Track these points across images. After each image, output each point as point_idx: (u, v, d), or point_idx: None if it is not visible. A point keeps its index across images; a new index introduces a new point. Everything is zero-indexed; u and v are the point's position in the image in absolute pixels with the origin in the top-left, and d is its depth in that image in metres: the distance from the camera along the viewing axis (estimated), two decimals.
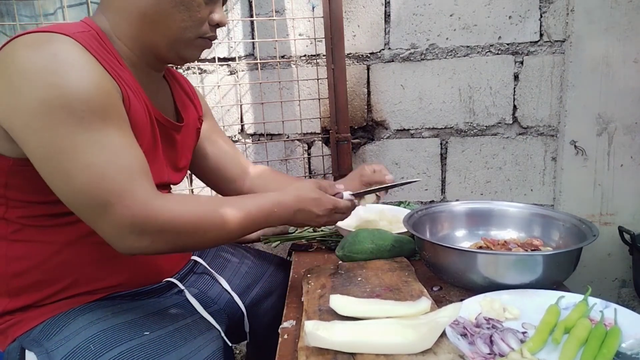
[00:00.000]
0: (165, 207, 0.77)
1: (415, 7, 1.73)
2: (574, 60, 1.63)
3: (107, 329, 0.81)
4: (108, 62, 0.82)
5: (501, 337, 0.75)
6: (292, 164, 1.90)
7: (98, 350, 0.78)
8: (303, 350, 0.73)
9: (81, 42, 0.78)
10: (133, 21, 0.85)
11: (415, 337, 0.71)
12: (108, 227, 0.75)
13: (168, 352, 0.82)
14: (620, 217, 1.70)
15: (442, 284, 1.03)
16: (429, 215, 1.19)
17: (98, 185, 0.73)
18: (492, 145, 1.80)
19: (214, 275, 1.10)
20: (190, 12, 0.85)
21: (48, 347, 0.81)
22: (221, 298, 1.07)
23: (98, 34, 0.84)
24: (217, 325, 0.96)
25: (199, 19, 0.87)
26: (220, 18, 0.89)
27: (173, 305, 0.95)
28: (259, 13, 1.78)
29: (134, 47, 0.88)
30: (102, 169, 0.74)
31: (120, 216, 0.74)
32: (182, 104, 1.07)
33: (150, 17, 0.84)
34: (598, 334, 0.75)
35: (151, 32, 0.86)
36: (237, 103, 1.86)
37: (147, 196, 0.76)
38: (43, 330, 0.83)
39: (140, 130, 0.86)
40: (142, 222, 0.75)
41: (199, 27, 0.88)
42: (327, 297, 0.91)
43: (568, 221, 1.08)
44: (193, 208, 0.81)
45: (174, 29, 0.86)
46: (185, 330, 0.88)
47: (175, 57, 0.91)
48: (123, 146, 0.77)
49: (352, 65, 1.80)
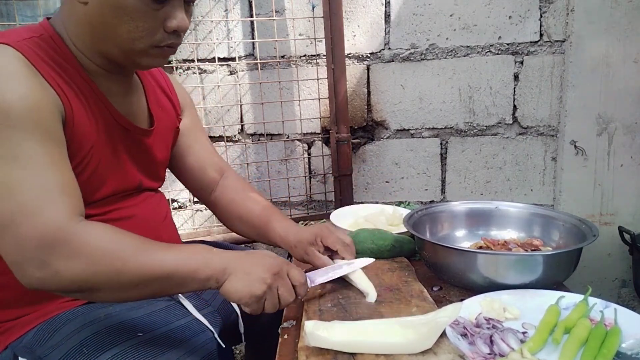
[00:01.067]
0: (80, 231, 0.70)
1: (415, 7, 1.73)
2: (574, 60, 1.63)
3: (99, 332, 0.81)
4: (55, 73, 0.79)
5: (501, 337, 0.75)
6: (292, 164, 1.91)
7: (91, 353, 0.77)
8: (303, 350, 0.73)
9: (23, 52, 0.75)
10: (84, 30, 0.82)
11: (416, 337, 0.71)
12: (10, 250, 0.68)
13: (162, 354, 0.81)
14: (620, 217, 1.70)
15: (442, 284, 1.03)
16: (429, 215, 1.19)
17: (3, 201, 0.68)
18: (492, 145, 1.80)
19: None
20: (137, 22, 0.78)
21: (41, 353, 0.80)
22: (215, 300, 1.06)
23: (53, 39, 0.81)
24: (210, 327, 0.95)
25: (148, 28, 0.79)
26: (177, 24, 0.81)
27: (166, 307, 0.93)
28: (259, 13, 1.78)
29: (91, 55, 0.84)
30: (12, 184, 0.68)
31: (25, 237, 0.67)
32: (156, 104, 1.03)
33: (97, 28, 0.80)
34: (598, 334, 0.75)
35: (102, 42, 0.82)
36: (237, 103, 1.86)
37: (59, 217, 0.69)
38: (35, 335, 0.83)
39: (93, 141, 0.83)
40: (50, 244, 0.67)
41: (151, 37, 0.80)
42: (327, 297, 0.91)
43: (568, 221, 1.08)
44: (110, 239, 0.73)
45: (123, 40, 0.80)
46: (178, 332, 0.87)
47: (134, 65, 0.87)
48: (43, 163, 0.72)
49: (352, 65, 1.80)
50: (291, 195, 1.89)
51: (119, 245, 0.73)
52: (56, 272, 0.68)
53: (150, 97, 1.02)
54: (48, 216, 0.69)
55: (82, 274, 0.69)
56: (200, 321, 0.94)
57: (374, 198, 1.90)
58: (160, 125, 1.03)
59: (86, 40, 0.83)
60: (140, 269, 0.72)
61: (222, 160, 1.20)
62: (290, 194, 1.88)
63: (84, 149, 0.81)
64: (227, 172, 1.19)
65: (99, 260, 0.70)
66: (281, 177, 1.89)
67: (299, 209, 1.95)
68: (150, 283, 0.74)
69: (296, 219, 1.69)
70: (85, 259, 0.69)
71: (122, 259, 0.71)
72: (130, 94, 0.96)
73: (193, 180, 1.16)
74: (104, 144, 0.87)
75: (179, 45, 0.87)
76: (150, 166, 1.01)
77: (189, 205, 1.93)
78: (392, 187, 1.89)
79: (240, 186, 1.18)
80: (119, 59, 0.84)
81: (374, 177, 1.89)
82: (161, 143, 1.04)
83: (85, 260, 0.69)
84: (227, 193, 1.16)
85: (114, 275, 0.71)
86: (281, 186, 1.90)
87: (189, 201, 1.93)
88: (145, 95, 1.01)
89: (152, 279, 0.73)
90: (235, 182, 1.18)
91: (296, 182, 1.92)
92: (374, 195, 1.90)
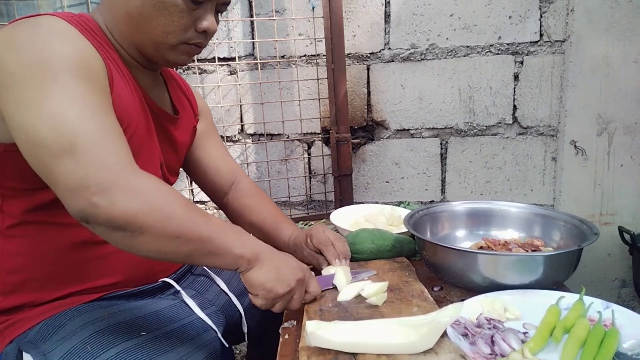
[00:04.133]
0: (140, 174, 0.72)
1: (415, 7, 1.73)
2: (574, 60, 1.63)
3: (103, 330, 0.81)
4: (97, 42, 0.83)
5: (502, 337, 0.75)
6: (292, 164, 1.91)
7: (95, 351, 0.78)
8: (304, 350, 0.73)
9: (67, 20, 0.79)
10: (122, 21, 0.86)
11: (417, 337, 0.71)
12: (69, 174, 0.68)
13: (165, 353, 0.81)
14: (620, 217, 1.70)
15: (443, 284, 1.03)
16: (429, 216, 1.18)
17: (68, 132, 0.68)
18: (492, 145, 1.80)
19: (211, 276, 1.10)
20: (173, 17, 0.84)
21: (44, 349, 0.80)
22: (219, 299, 1.07)
23: (91, 25, 0.85)
24: (214, 326, 0.95)
25: (183, 25, 0.85)
26: (207, 25, 0.87)
27: (170, 306, 0.94)
28: (259, 13, 1.78)
29: (124, 45, 0.89)
30: (72, 118, 0.69)
31: (90, 167, 0.67)
32: (178, 100, 1.07)
33: (135, 18, 0.84)
34: (597, 335, 0.75)
35: (137, 33, 0.86)
36: (237, 103, 1.86)
37: (122, 156, 0.71)
38: (40, 331, 0.83)
39: (130, 114, 0.86)
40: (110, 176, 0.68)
41: (183, 33, 0.86)
42: (328, 297, 0.91)
43: (569, 221, 1.08)
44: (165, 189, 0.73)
45: (157, 32, 0.85)
46: (182, 331, 0.88)
47: (162, 59, 0.90)
48: (100, 109, 0.73)
49: (352, 65, 1.80)
50: (291, 195, 1.89)
51: (172, 197, 0.74)
52: (111, 203, 0.67)
53: (172, 93, 1.06)
54: (114, 152, 0.70)
55: (135, 210, 0.69)
56: (203, 320, 0.95)
57: (374, 198, 1.90)
58: (184, 116, 1.07)
59: (123, 30, 0.87)
60: (186, 222, 0.73)
61: (236, 165, 1.24)
62: (290, 194, 1.88)
63: (122, 113, 0.83)
64: (241, 176, 1.23)
65: (152, 201, 0.71)
66: (281, 177, 1.89)
67: (299, 209, 1.95)
68: (190, 240, 0.74)
69: (296, 219, 1.69)
70: (141, 197, 0.70)
71: (173, 208, 0.72)
72: (156, 85, 1.00)
73: (207, 181, 1.20)
74: (138, 117, 0.89)
75: (204, 46, 0.92)
76: (171, 155, 1.04)
77: None
78: (392, 187, 1.89)
79: (253, 191, 1.21)
80: (149, 51, 0.88)
81: (374, 177, 1.89)
82: (183, 134, 1.07)
83: (140, 199, 0.69)
84: (240, 197, 1.19)
85: (162, 220, 0.71)
86: (281, 186, 1.90)
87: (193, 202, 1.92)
88: (168, 92, 1.05)
89: (193, 236, 0.74)
90: (249, 186, 1.22)
91: (296, 182, 1.92)
92: (374, 195, 1.90)
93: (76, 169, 0.67)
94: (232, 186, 1.20)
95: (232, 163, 1.23)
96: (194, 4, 0.84)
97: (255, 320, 1.12)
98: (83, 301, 0.88)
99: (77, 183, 0.67)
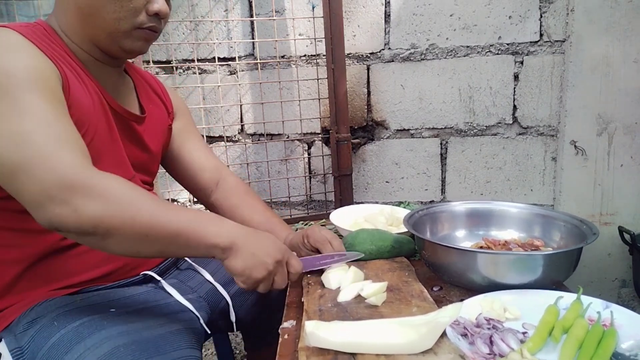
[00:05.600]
0: (97, 176, 0.72)
1: (415, 7, 1.73)
2: (574, 60, 1.63)
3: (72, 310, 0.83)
4: (51, 51, 0.83)
5: (501, 337, 0.75)
6: (292, 164, 1.91)
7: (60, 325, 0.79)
8: (303, 350, 0.73)
9: (21, 32, 0.80)
10: (73, 17, 0.87)
11: (416, 337, 0.71)
12: (30, 190, 0.70)
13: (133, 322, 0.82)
14: (620, 217, 1.70)
15: (443, 284, 1.03)
16: (429, 215, 1.18)
17: (18, 149, 0.70)
18: (492, 145, 1.80)
19: (196, 268, 1.10)
20: (122, 2, 0.85)
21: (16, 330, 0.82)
22: (202, 287, 1.06)
23: (46, 30, 0.87)
24: (194, 310, 0.95)
25: (132, 9, 0.86)
26: (158, 7, 0.88)
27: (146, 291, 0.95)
28: (259, 13, 1.78)
29: (80, 42, 0.89)
30: (24, 133, 0.71)
31: (44, 178, 0.69)
32: (147, 99, 1.06)
33: (85, 10, 0.86)
34: (595, 335, 0.75)
35: (89, 26, 0.87)
36: (237, 103, 1.86)
37: (76, 161, 0.72)
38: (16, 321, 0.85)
39: (89, 117, 0.86)
40: (69, 184, 0.69)
41: (134, 17, 0.87)
42: (327, 297, 0.91)
43: (568, 221, 1.08)
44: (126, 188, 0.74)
45: (108, 20, 0.86)
46: (157, 310, 0.89)
47: (118, 49, 0.91)
48: (52, 117, 0.74)
49: (352, 65, 1.80)
50: (291, 195, 1.89)
51: (135, 194, 0.74)
52: (75, 210, 0.69)
53: (140, 92, 1.05)
54: (65, 159, 0.71)
55: (99, 214, 0.70)
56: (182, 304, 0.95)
57: (374, 198, 1.90)
58: (152, 115, 1.05)
59: (76, 27, 0.88)
60: (153, 220, 0.73)
61: (219, 162, 1.21)
62: (290, 194, 1.88)
63: (79, 118, 0.83)
64: (225, 173, 1.20)
65: (115, 202, 0.71)
66: (281, 177, 1.89)
67: (299, 209, 1.95)
68: (159, 238, 0.74)
69: (296, 219, 1.69)
70: (103, 200, 0.71)
71: (137, 207, 0.73)
72: (120, 85, 1.00)
73: (190, 180, 1.18)
74: (98, 120, 0.89)
75: (160, 30, 0.92)
76: (142, 156, 1.03)
77: (189, 205, 1.93)
78: (392, 187, 1.89)
79: (242, 190, 1.19)
80: (105, 43, 0.89)
81: (374, 177, 1.89)
82: (153, 134, 1.06)
83: (102, 201, 0.70)
84: (228, 197, 1.17)
85: (128, 220, 0.71)
86: (281, 186, 1.90)
87: (189, 201, 1.93)
88: (136, 90, 1.05)
89: (161, 233, 0.74)
90: (236, 185, 1.20)
91: (296, 182, 1.92)
92: (374, 195, 1.90)
93: (33, 184, 0.69)
94: (217, 185, 1.18)
95: (215, 160, 1.21)
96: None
97: (244, 309, 1.12)
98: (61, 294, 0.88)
99: (38, 197, 0.69)
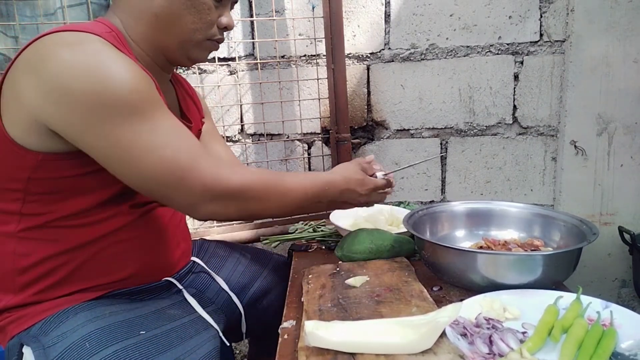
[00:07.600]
0: (234, 174, 0.84)
1: (415, 7, 1.73)
2: (574, 60, 1.63)
3: (103, 327, 0.82)
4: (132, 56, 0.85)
5: (500, 337, 0.75)
6: (292, 164, 1.91)
7: (93, 348, 0.78)
8: (303, 350, 0.73)
9: (111, 42, 0.81)
10: (145, 22, 0.88)
11: (416, 337, 0.71)
12: (183, 199, 0.81)
13: (163, 352, 0.82)
14: (620, 217, 1.70)
15: (442, 284, 1.03)
16: (429, 216, 1.18)
17: (167, 164, 0.78)
18: (492, 145, 1.80)
19: (211, 274, 1.11)
20: (201, 15, 0.89)
21: (45, 342, 0.81)
22: (219, 297, 1.07)
23: (117, 34, 0.87)
24: (215, 324, 0.96)
25: (209, 22, 0.90)
26: (228, 21, 0.93)
27: (171, 304, 0.95)
28: (259, 13, 1.78)
29: (146, 47, 0.91)
30: (166, 149, 0.78)
31: (193, 187, 0.80)
32: (186, 106, 1.09)
33: (162, 18, 0.87)
34: (594, 335, 0.75)
35: (162, 34, 0.89)
36: (237, 103, 1.86)
37: (213, 165, 0.82)
38: (42, 327, 0.84)
39: None
40: (213, 188, 0.81)
41: (208, 29, 0.91)
42: (327, 297, 0.91)
43: (568, 221, 1.08)
44: (259, 176, 0.87)
45: (185, 30, 0.89)
46: (181, 330, 0.89)
47: (185, 58, 0.94)
48: (177, 128, 0.82)
49: (352, 65, 1.80)
50: None
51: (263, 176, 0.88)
52: (223, 206, 0.84)
53: (180, 98, 1.08)
54: (206, 166, 0.81)
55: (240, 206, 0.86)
56: (204, 319, 0.95)
57: None
58: (193, 120, 1.09)
59: (146, 32, 0.89)
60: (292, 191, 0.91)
61: (239, 161, 1.29)
62: None
63: None
64: None
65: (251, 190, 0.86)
66: None
67: None
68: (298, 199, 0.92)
69: (296, 219, 1.69)
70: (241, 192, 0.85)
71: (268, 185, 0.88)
72: (168, 92, 1.03)
73: None
74: None
75: (222, 42, 0.98)
76: None
77: None
78: None
79: None
80: (174, 51, 0.92)
81: None
82: None
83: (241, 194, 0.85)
84: None
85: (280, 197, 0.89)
86: None
87: None
88: (177, 95, 1.07)
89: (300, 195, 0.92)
90: None
91: None
92: None
93: (189, 193, 0.80)
94: None
95: (237, 160, 1.27)
96: (217, 1, 0.90)
97: (255, 318, 1.12)
98: (86, 299, 0.88)
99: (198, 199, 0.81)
